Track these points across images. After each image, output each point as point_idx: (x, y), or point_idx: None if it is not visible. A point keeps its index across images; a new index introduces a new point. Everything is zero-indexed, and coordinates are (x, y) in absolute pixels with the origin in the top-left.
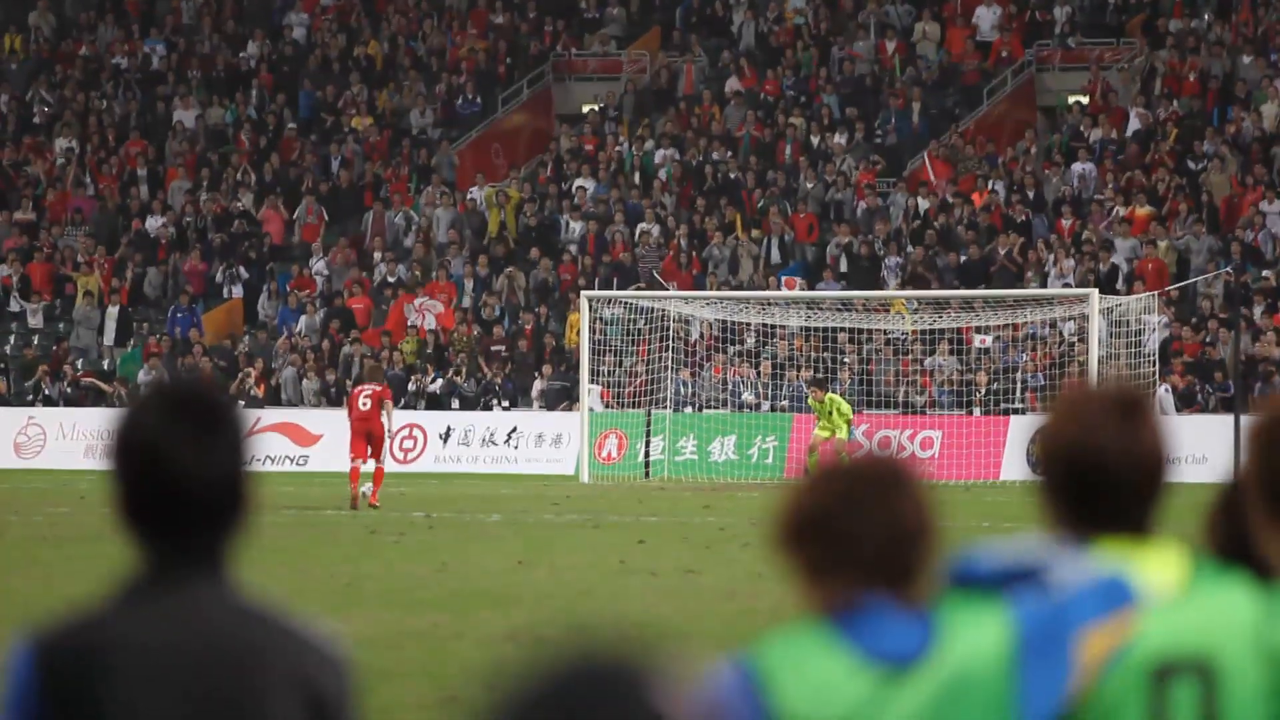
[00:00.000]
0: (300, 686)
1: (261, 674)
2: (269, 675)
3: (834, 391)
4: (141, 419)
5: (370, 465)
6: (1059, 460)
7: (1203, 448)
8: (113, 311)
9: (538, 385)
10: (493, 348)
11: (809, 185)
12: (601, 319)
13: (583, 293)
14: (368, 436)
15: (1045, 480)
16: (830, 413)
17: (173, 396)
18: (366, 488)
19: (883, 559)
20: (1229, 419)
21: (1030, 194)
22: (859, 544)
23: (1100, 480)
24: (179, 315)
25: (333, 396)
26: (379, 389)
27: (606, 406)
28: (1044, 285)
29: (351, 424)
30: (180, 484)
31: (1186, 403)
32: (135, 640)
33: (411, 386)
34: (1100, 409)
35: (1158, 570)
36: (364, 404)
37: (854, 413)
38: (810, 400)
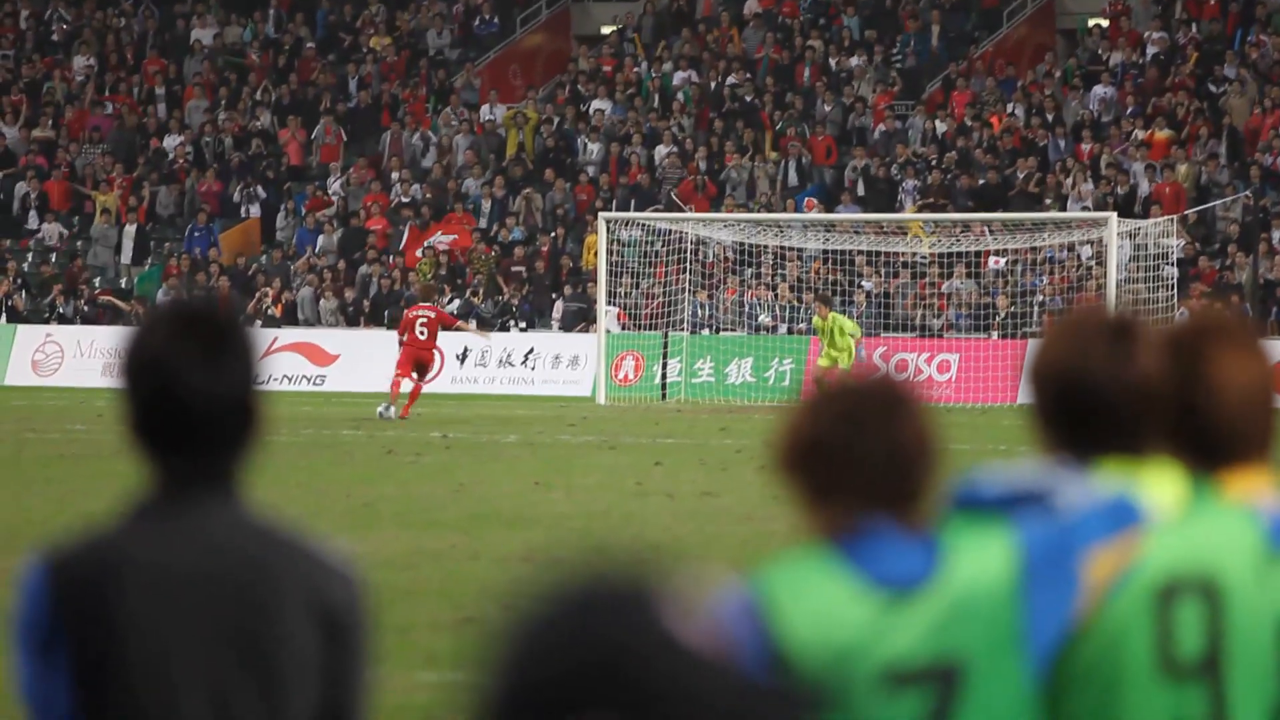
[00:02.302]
0: (314, 605)
1: (275, 593)
2: (282, 594)
3: (845, 313)
4: (151, 338)
5: (407, 386)
6: (1050, 384)
7: None
8: (130, 230)
9: (559, 307)
10: (512, 268)
11: (827, 108)
12: (619, 240)
13: (600, 214)
14: (416, 362)
15: (1038, 405)
16: (832, 332)
17: (183, 315)
18: (383, 407)
19: (884, 481)
20: None
21: (1049, 117)
22: (859, 466)
23: (1090, 404)
24: (196, 234)
25: (350, 316)
26: (434, 316)
27: (623, 328)
28: (1063, 209)
29: (404, 346)
30: (190, 403)
31: None
32: (148, 558)
33: None
34: (1091, 333)
35: (1159, 490)
36: (421, 333)
37: (869, 335)
38: (815, 318)
